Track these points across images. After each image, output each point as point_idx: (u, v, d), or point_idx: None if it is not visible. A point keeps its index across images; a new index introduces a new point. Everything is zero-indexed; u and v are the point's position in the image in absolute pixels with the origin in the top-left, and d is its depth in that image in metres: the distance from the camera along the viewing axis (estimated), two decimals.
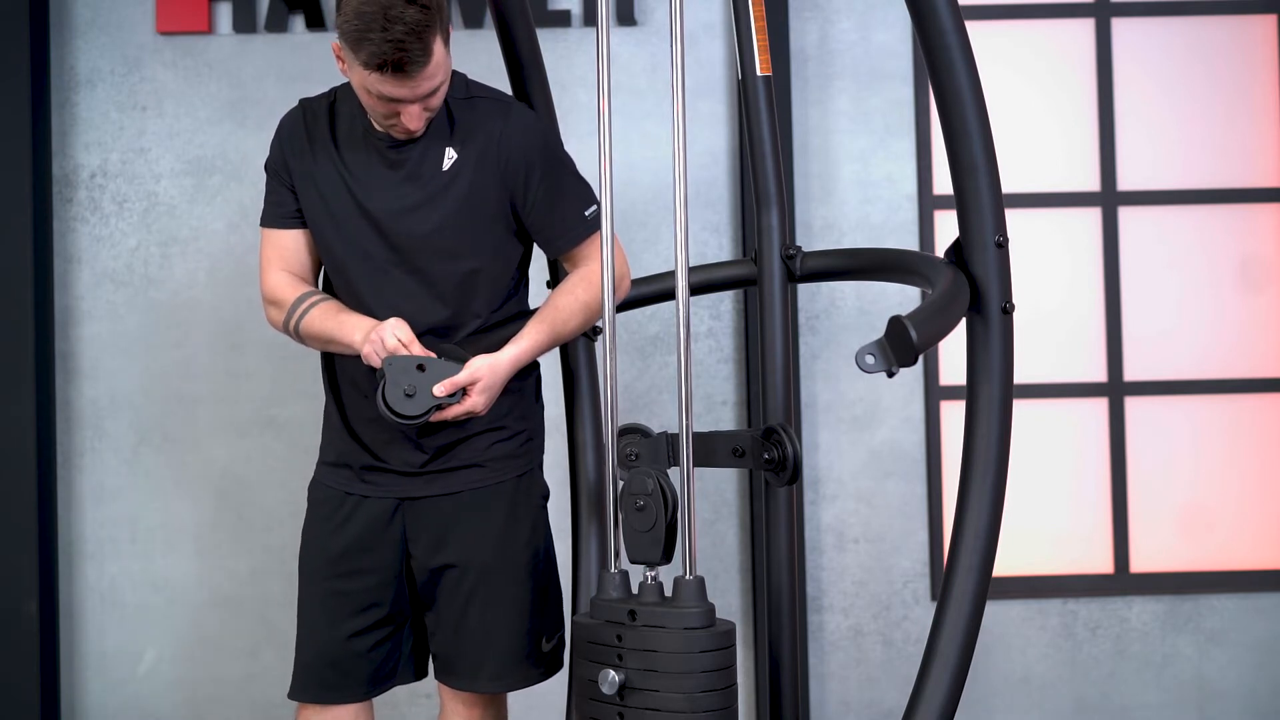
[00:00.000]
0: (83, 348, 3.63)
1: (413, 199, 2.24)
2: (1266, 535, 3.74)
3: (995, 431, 1.98)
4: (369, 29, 2.05)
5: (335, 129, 2.28)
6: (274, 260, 2.33)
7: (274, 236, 2.33)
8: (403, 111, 2.14)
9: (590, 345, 2.63)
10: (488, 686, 2.33)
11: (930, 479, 3.67)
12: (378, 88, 2.10)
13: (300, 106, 2.33)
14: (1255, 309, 3.76)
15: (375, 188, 2.24)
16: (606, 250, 2.08)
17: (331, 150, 2.27)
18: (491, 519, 2.30)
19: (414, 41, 2.05)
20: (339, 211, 2.26)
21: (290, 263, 2.33)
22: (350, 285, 2.29)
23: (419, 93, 2.12)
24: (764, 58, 2.30)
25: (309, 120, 2.30)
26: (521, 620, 2.32)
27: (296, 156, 2.29)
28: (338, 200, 2.26)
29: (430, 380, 2.13)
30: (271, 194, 2.33)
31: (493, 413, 2.27)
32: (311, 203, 2.28)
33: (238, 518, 3.63)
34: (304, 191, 2.29)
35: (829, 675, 3.67)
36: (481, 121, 2.26)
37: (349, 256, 2.27)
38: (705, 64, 3.67)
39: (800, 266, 2.35)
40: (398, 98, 2.11)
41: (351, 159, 2.26)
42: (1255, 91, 3.77)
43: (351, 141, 2.27)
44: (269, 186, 2.34)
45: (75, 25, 3.65)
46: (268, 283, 2.33)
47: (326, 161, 2.27)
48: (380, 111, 2.16)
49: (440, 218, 2.23)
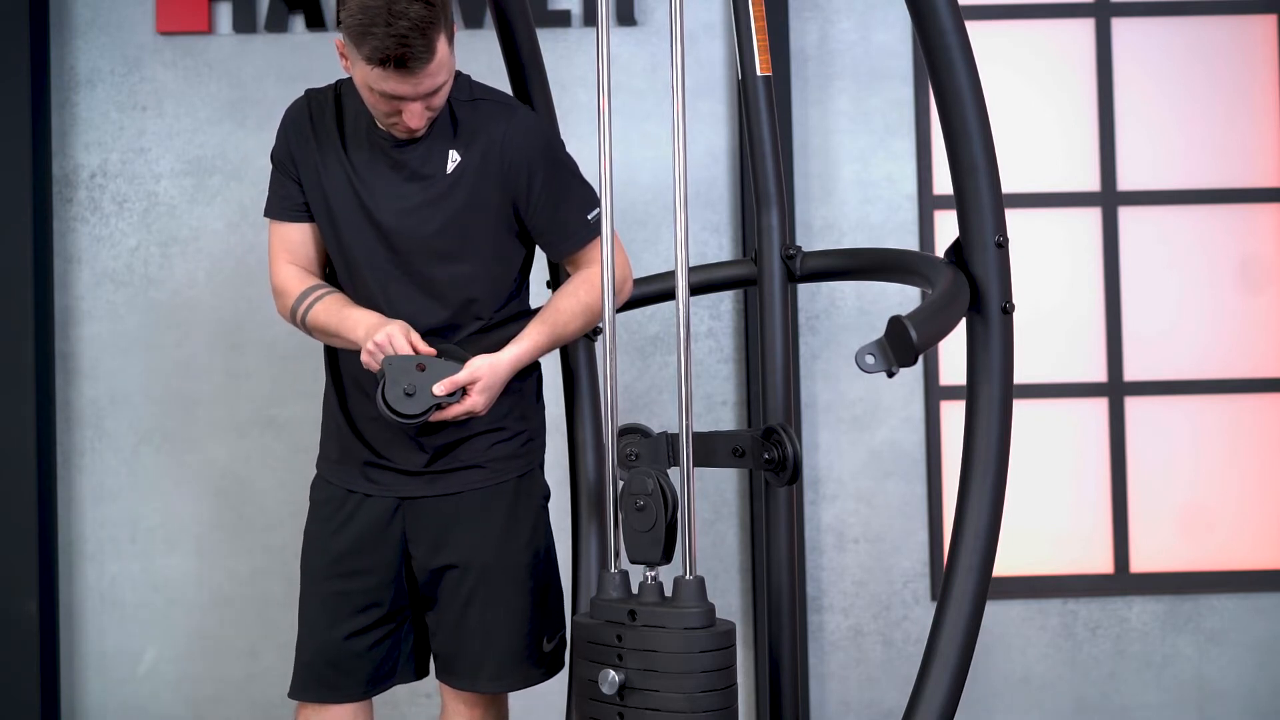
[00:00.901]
0: (83, 348, 3.63)
1: (415, 200, 2.23)
2: (1266, 535, 3.74)
3: (995, 431, 1.97)
4: (373, 24, 2.04)
5: (342, 123, 2.27)
6: (281, 253, 2.33)
7: (280, 229, 2.33)
8: (404, 109, 2.13)
9: (590, 345, 2.63)
10: (488, 686, 2.33)
11: (930, 479, 3.67)
12: (380, 84, 2.09)
13: (306, 97, 2.32)
14: (1255, 309, 3.76)
15: (378, 187, 2.24)
16: (607, 251, 2.08)
17: (337, 144, 2.26)
18: (492, 520, 2.30)
19: (417, 37, 2.05)
20: (341, 208, 2.26)
21: (297, 255, 2.32)
22: (352, 281, 2.29)
23: (421, 90, 2.11)
24: (764, 58, 2.30)
25: (314, 111, 2.29)
26: (522, 621, 2.32)
27: (302, 148, 2.28)
28: (340, 196, 2.25)
29: (430, 380, 2.13)
30: (278, 186, 2.32)
31: (493, 413, 2.26)
32: (316, 197, 2.28)
33: (238, 518, 3.63)
34: (309, 185, 2.28)
35: (829, 675, 3.67)
36: (484, 123, 2.25)
37: (351, 254, 2.27)
38: (705, 64, 3.67)
39: (800, 266, 2.35)
40: (400, 95, 2.11)
41: (356, 156, 2.25)
42: (1255, 91, 3.77)
43: (356, 138, 2.26)
44: (274, 178, 2.33)
45: (75, 25, 3.64)
46: (277, 275, 2.33)
47: (331, 156, 2.26)
48: (382, 109, 2.15)
49: (443, 220, 2.23)
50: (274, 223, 2.33)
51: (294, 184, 2.29)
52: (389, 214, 2.23)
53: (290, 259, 2.32)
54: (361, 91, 2.16)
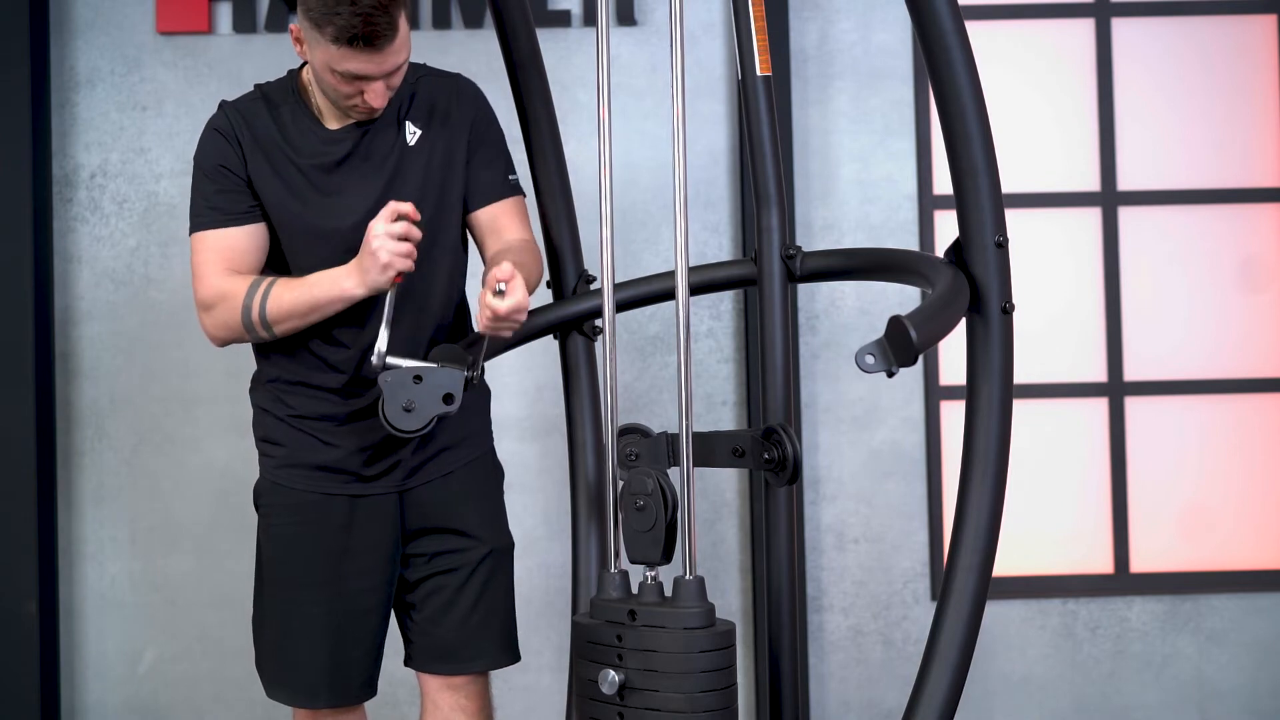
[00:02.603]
0: (83, 348, 3.63)
1: (380, 181, 2.24)
2: (1266, 535, 3.74)
3: (995, 431, 1.97)
4: (337, 4, 2.05)
5: (283, 127, 2.24)
6: (215, 263, 2.21)
7: (219, 239, 2.22)
8: (367, 89, 2.14)
9: (590, 345, 2.63)
10: (488, 665, 2.38)
11: (930, 479, 3.67)
12: (344, 65, 2.10)
13: (228, 108, 2.27)
14: (1255, 309, 3.76)
15: (344, 183, 2.24)
16: (607, 257, 2.07)
17: (281, 146, 2.23)
18: (488, 496, 2.40)
19: (381, 15, 2.06)
20: (301, 213, 2.23)
21: (236, 261, 2.22)
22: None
23: (385, 68, 2.12)
24: (764, 58, 2.30)
25: (248, 119, 2.24)
26: (510, 599, 2.41)
27: (249, 151, 2.23)
28: (290, 198, 2.23)
29: (428, 390, 2.10)
30: (214, 195, 2.22)
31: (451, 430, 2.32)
32: (275, 204, 2.23)
33: (238, 518, 3.62)
34: (261, 188, 2.23)
35: (829, 675, 3.67)
36: (432, 94, 2.31)
37: (312, 251, 2.24)
38: (705, 64, 3.67)
39: (800, 266, 2.35)
40: (364, 74, 2.11)
41: (308, 157, 2.23)
42: (1255, 91, 3.77)
43: (303, 139, 2.24)
44: (207, 190, 2.22)
45: (75, 25, 3.64)
46: (207, 285, 2.20)
47: (280, 158, 2.23)
48: (344, 91, 2.15)
49: (416, 191, 2.25)
50: (207, 234, 2.22)
51: (240, 188, 2.22)
52: (354, 207, 2.22)
53: (228, 268, 2.21)
54: (321, 75, 2.15)
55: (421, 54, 2.32)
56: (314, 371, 2.27)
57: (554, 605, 3.56)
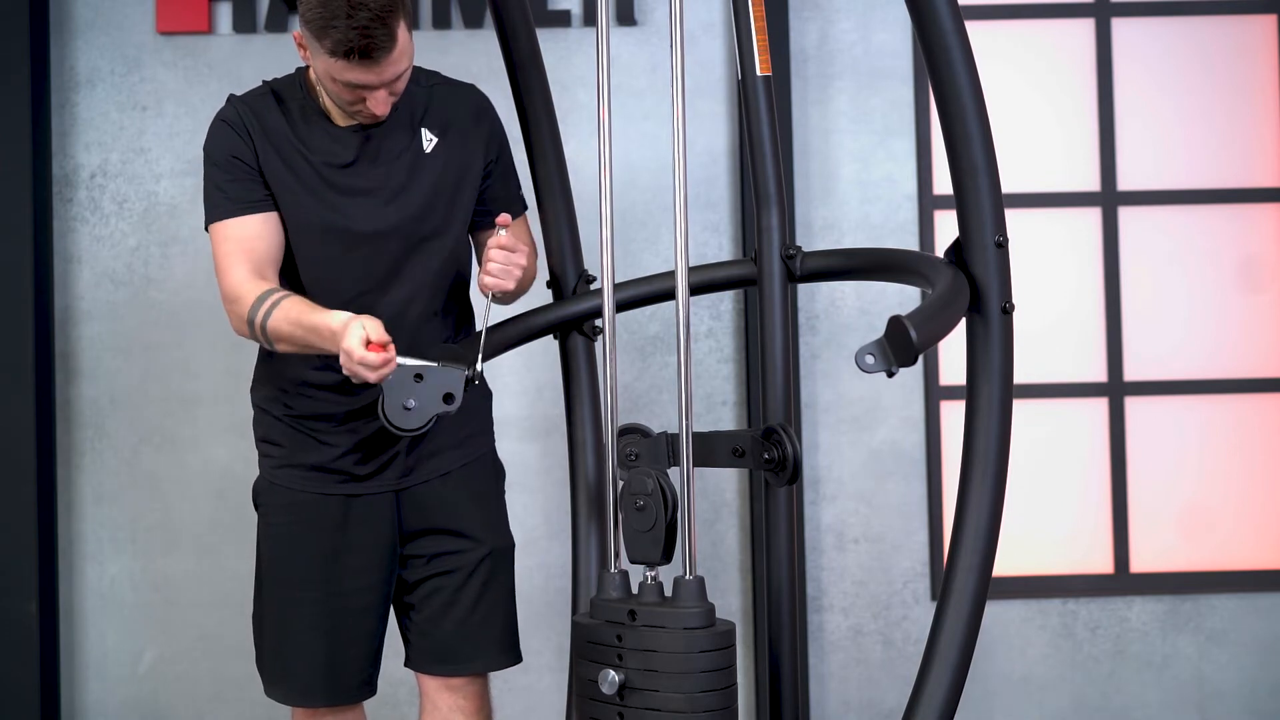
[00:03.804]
0: (83, 348, 3.63)
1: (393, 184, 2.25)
2: (1267, 535, 3.74)
3: (995, 431, 1.97)
4: (334, 16, 2.05)
5: (290, 121, 2.24)
6: (237, 255, 2.20)
7: (237, 227, 2.21)
8: (369, 98, 2.14)
9: (590, 345, 2.63)
10: (487, 665, 2.37)
11: (930, 479, 3.67)
12: (344, 75, 2.10)
13: (237, 102, 2.26)
14: (1255, 309, 3.76)
15: (353, 182, 2.24)
16: (607, 257, 2.08)
17: (292, 141, 2.23)
18: (487, 497, 2.40)
19: (379, 27, 2.06)
20: (307, 201, 2.23)
21: (258, 251, 2.21)
22: (318, 274, 2.26)
23: (385, 78, 2.12)
24: (764, 58, 2.30)
25: (258, 114, 2.24)
26: (510, 600, 2.40)
27: (260, 143, 2.23)
28: (304, 193, 2.23)
29: (429, 389, 2.09)
30: (228, 184, 2.21)
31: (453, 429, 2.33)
32: (287, 200, 2.23)
33: (238, 518, 3.62)
34: (273, 180, 2.23)
35: (829, 675, 3.67)
36: (447, 102, 2.31)
37: (319, 247, 2.25)
38: (705, 64, 3.67)
39: (800, 266, 2.35)
40: (364, 84, 2.11)
41: (318, 155, 2.23)
42: (1255, 91, 3.77)
43: (312, 136, 2.24)
44: (220, 179, 2.21)
45: (75, 25, 3.64)
46: (230, 280, 2.19)
47: (292, 152, 2.23)
48: (346, 98, 2.15)
49: (423, 200, 2.26)
50: (225, 224, 2.21)
51: (253, 177, 2.21)
52: (366, 207, 2.23)
53: (248, 256, 2.20)
54: (324, 82, 2.16)
55: (422, 54, 2.31)
56: (314, 371, 2.27)
57: (554, 605, 3.56)
